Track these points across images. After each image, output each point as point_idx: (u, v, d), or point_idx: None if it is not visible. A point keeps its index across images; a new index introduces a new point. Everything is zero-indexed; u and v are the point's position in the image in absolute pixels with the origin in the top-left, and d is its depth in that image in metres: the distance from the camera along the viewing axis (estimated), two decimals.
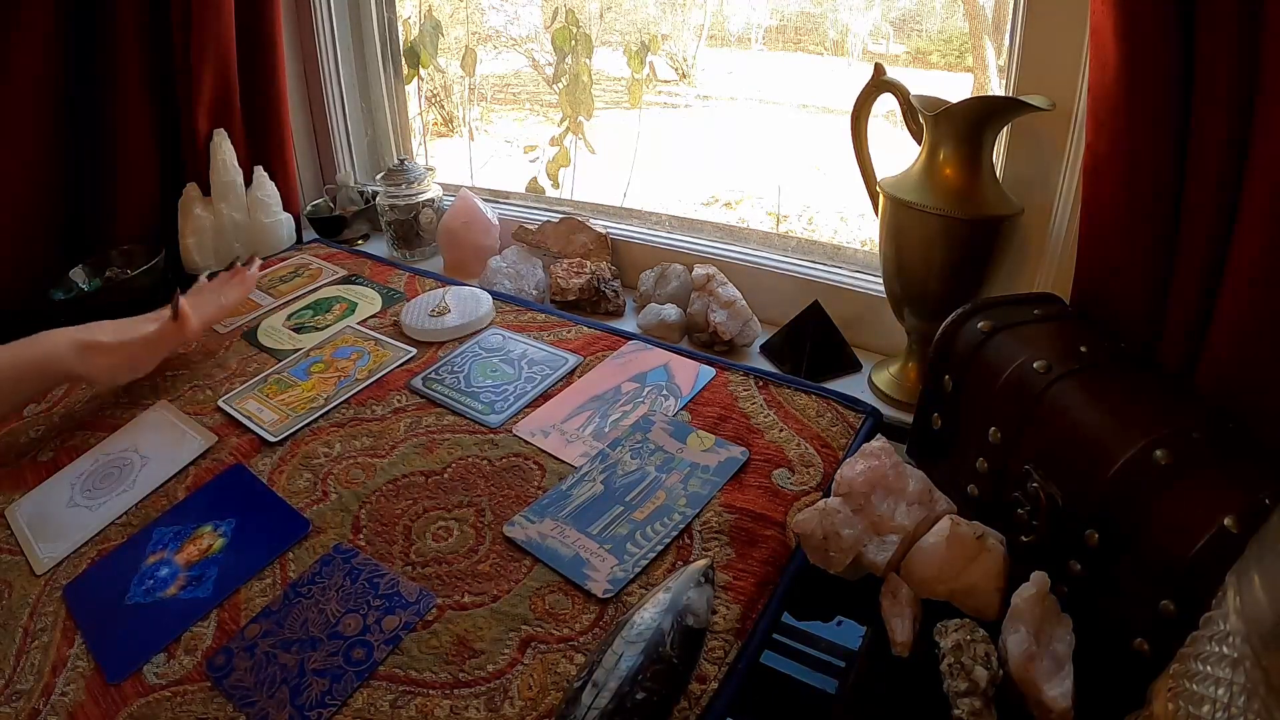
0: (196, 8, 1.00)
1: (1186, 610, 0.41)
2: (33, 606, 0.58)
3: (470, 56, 1.47)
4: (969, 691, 0.46)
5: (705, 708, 0.48)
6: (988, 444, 0.58)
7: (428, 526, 0.62)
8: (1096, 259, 0.62)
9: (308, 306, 0.97)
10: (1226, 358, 0.52)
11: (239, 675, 0.52)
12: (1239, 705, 0.32)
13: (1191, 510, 0.43)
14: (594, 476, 0.66)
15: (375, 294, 0.99)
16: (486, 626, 0.54)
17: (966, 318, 0.63)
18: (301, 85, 1.22)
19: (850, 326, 0.87)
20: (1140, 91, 0.54)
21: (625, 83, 1.53)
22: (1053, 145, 0.71)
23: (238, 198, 1.11)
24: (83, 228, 1.13)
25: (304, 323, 0.93)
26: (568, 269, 1.00)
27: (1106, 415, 0.51)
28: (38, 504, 0.68)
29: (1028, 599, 0.49)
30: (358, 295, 0.99)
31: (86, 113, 1.07)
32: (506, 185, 1.26)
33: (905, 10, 1.55)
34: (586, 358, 0.82)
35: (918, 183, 0.71)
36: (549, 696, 0.49)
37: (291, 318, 0.95)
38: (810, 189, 1.77)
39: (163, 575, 0.60)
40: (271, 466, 0.70)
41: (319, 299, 0.98)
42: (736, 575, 0.56)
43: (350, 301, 0.97)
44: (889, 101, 0.76)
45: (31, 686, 0.52)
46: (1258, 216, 0.48)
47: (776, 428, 0.71)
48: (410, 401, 0.78)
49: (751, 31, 1.80)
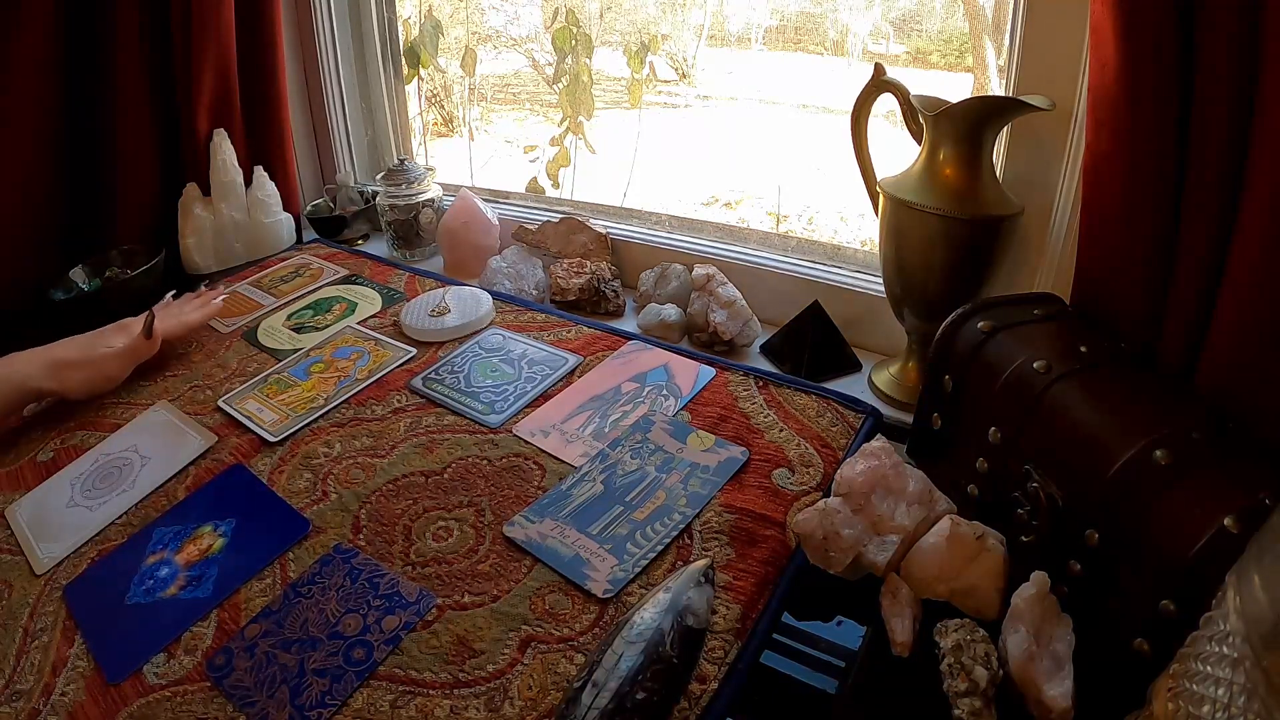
0: (196, 8, 1.00)
1: (1186, 610, 0.41)
2: (33, 606, 0.58)
3: (470, 56, 1.47)
4: (969, 691, 0.46)
5: (705, 708, 0.48)
6: (988, 444, 0.58)
7: (428, 526, 0.62)
8: (1096, 259, 0.62)
9: (308, 306, 0.97)
10: (1226, 358, 0.52)
11: (239, 675, 0.52)
12: (1239, 705, 0.32)
13: (1191, 510, 0.43)
14: (594, 476, 0.66)
15: (375, 294, 0.99)
16: (486, 626, 0.54)
17: (966, 318, 0.63)
18: (301, 85, 1.22)
19: (850, 326, 0.87)
20: (1140, 91, 0.54)
21: (625, 83, 1.53)
22: (1053, 145, 0.71)
23: (238, 198, 1.11)
24: (83, 228, 1.12)
25: (304, 322, 0.93)
26: (568, 269, 1.00)
27: (1106, 415, 0.51)
28: (38, 504, 0.68)
29: (1028, 599, 0.49)
30: (358, 295, 0.99)
31: (86, 113, 1.07)
32: (506, 185, 1.26)
33: (905, 10, 1.55)
34: (586, 358, 0.82)
35: (918, 183, 0.71)
36: (549, 696, 0.49)
37: (291, 317, 0.95)
38: (810, 189, 1.77)
39: (163, 575, 0.60)
40: (271, 466, 0.70)
41: (319, 299, 0.98)
42: (736, 575, 0.56)
43: (350, 301, 0.97)
44: (889, 101, 0.76)
45: (31, 686, 0.52)
46: (1258, 216, 0.48)
47: (776, 428, 0.71)
48: (410, 401, 0.78)
49: (751, 31, 1.80)
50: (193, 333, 0.91)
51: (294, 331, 0.92)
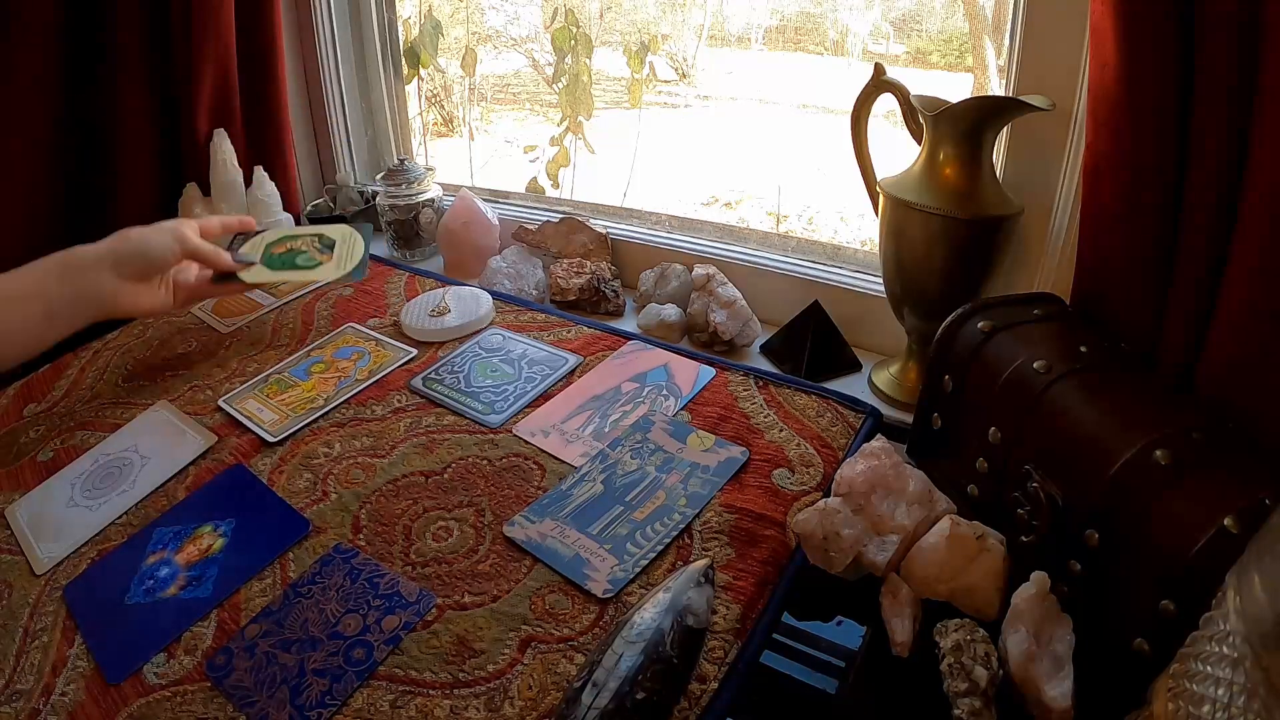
0: (196, 8, 1.00)
1: (1186, 610, 0.41)
2: (33, 606, 0.58)
3: (470, 56, 1.48)
4: (969, 691, 0.46)
5: (705, 708, 0.48)
6: (988, 444, 0.58)
7: (428, 526, 0.62)
8: (1096, 259, 0.62)
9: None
10: (1226, 358, 0.52)
11: (239, 675, 0.52)
12: (1239, 705, 0.32)
13: (1191, 510, 0.43)
14: (594, 476, 0.66)
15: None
16: (486, 626, 0.54)
17: (966, 318, 0.63)
18: (301, 85, 1.22)
19: (850, 326, 0.87)
20: (1140, 91, 0.54)
21: (625, 83, 1.53)
22: (1053, 145, 0.71)
23: (238, 198, 1.11)
24: (83, 228, 1.12)
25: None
26: (568, 269, 1.00)
27: (1106, 415, 0.51)
28: (38, 504, 0.68)
29: (1028, 599, 0.49)
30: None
31: (86, 113, 1.07)
32: (506, 185, 1.25)
33: (905, 10, 1.55)
34: (586, 358, 0.82)
35: (918, 183, 0.71)
36: (549, 696, 0.49)
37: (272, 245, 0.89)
38: (810, 189, 1.77)
39: (163, 575, 0.60)
40: (271, 466, 0.70)
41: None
42: (736, 575, 0.56)
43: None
44: (889, 101, 0.76)
45: (31, 686, 0.52)
46: (1258, 216, 0.48)
47: (776, 428, 0.71)
48: (410, 401, 0.78)
49: (751, 31, 1.80)
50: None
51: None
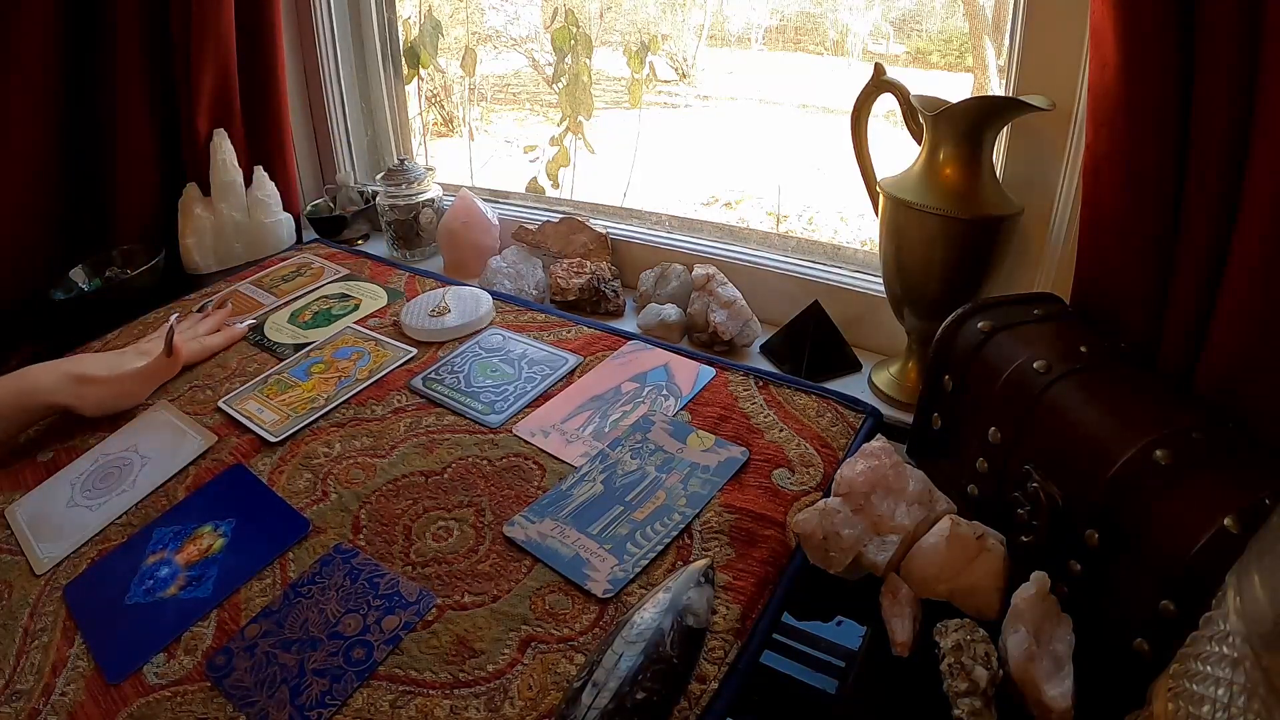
0: (196, 8, 1.00)
1: (1186, 610, 0.41)
2: (33, 606, 0.58)
3: (470, 56, 1.48)
4: (969, 691, 0.46)
5: (705, 708, 0.48)
6: (988, 444, 0.58)
7: (428, 526, 0.62)
8: (1096, 259, 0.62)
9: (319, 299, 0.98)
10: (1226, 358, 0.52)
11: (239, 675, 0.52)
12: (1239, 705, 0.32)
13: (1191, 510, 0.43)
14: (594, 476, 0.66)
15: (379, 289, 0.99)
16: (486, 626, 0.54)
17: (966, 318, 0.63)
18: (301, 85, 1.22)
19: (850, 326, 0.87)
20: (1140, 91, 0.54)
21: (625, 83, 1.53)
22: (1053, 145, 0.71)
23: (238, 198, 1.11)
24: (82, 228, 1.13)
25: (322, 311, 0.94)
26: (568, 269, 1.00)
27: (1106, 415, 0.51)
28: (38, 504, 0.68)
29: (1028, 599, 0.49)
30: (363, 292, 0.99)
31: (86, 113, 1.07)
32: (506, 185, 1.26)
33: (905, 10, 1.56)
34: (586, 358, 0.82)
35: (918, 183, 0.71)
36: (549, 696, 0.49)
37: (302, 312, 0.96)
38: (810, 189, 1.77)
39: (163, 575, 0.60)
40: (271, 466, 0.70)
41: (328, 294, 0.99)
42: (736, 575, 0.56)
43: (355, 299, 0.98)
44: (889, 101, 0.76)
45: (31, 686, 0.52)
46: (1258, 216, 0.48)
47: (776, 428, 0.71)
48: (410, 401, 0.78)
49: (751, 31, 1.80)
50: (213, 356, 0.89)
51: (300, 328, 0.92)
